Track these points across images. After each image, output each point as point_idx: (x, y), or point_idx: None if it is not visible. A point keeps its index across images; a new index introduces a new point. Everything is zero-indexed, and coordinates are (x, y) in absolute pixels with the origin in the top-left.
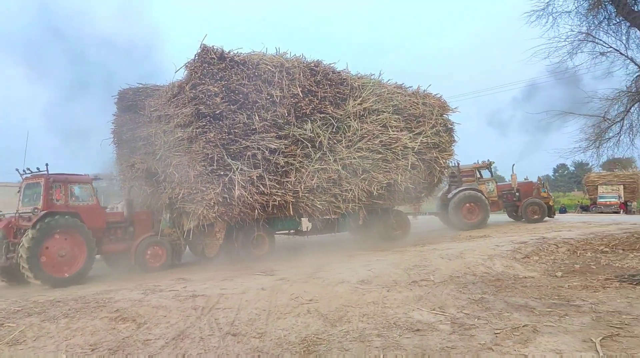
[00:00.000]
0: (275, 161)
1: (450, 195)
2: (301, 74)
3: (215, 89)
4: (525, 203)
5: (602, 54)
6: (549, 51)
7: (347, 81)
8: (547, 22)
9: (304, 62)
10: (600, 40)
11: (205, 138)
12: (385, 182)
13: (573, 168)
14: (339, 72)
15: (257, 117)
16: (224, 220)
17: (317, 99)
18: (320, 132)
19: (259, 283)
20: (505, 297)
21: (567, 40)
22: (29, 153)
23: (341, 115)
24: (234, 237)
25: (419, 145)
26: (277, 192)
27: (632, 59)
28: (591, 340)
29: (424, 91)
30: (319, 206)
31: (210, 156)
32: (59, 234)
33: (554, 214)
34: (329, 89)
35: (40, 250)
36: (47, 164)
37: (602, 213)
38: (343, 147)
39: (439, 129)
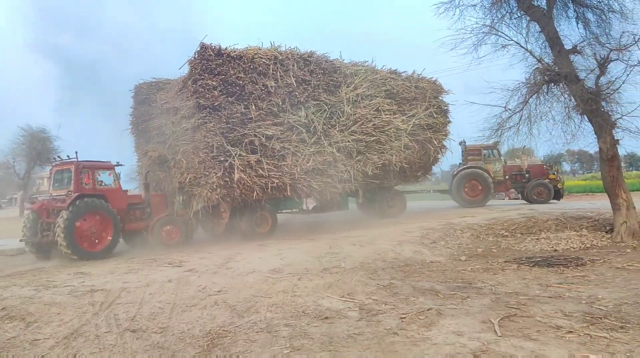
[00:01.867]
0: (272, 147)
1: (454, 172)
2: (295, 64)
3: (214, 83)
4: (532, 184)
5: (504, 46)
6: (455, 42)
7: (341, 69)
8: (454, 14)
9: (297, 54)
10: (503, 33)
11: (206, 128)
12: (380, 163)
13: None
14: (332, 61)
15: (253, 107)
16: (227, 202)
17: (311, 88)
18: (315, 118)
19: (165, 275)
20: (413, 282)
21: (473, 32)
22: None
23: (335, 101)
24: (240, 217)
25: (411, 127)
26: (274, 175)
27: (531, 52)
28: (490, 321)
29: (419, 75)
30: (315, 186)
31: (211, 144)
32: (89, 214)
33: (562, 197)
34: (322, 77)
35: (74, 228)
36: (76, 152)
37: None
38: (337, 131)
39: (433, 111)
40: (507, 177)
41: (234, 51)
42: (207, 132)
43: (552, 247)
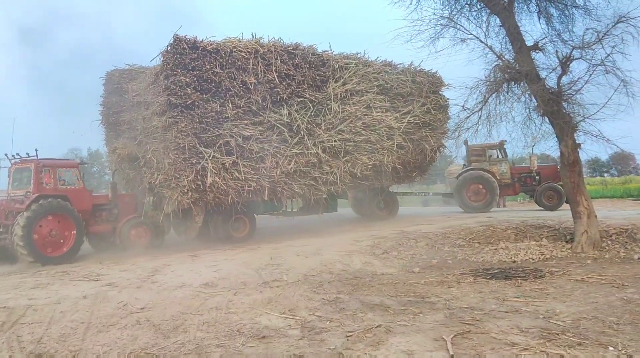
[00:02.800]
0: (249, 148)
1: (457, 175)
2: (278, 58)
3: (187, 79)
4: (541, 187)
5: (462, 40)
6: (411, 34)
7: (329, 62)
8: (410, 3)
9: (281, 46)
10: (462, 26)
11: (177, 128)
12: (370, 164)
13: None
14: (320, 54)
15: (230, 105)
16: (198, 206)
17: (295, 83)
18: (298, 116)
19: (80, 290)
20: (361, 296)
21: (430, 24)
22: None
23: (321, 98)
24: (215, 220)
25: (405, 125)
26: (252, 178)
27: (490, 48)
28: (443, 338)
29: (416, 67)
30: (297, 190)
31: (182, 145)
32: (50, 216)
33: None
34: (308, 72)
35: (34, 230)
36: (36, 150)
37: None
38: (322, 130)
39: (430, 107)
40: (516, 180)
41: (211, 44)
42: (179, 132)
43: (511, 258)
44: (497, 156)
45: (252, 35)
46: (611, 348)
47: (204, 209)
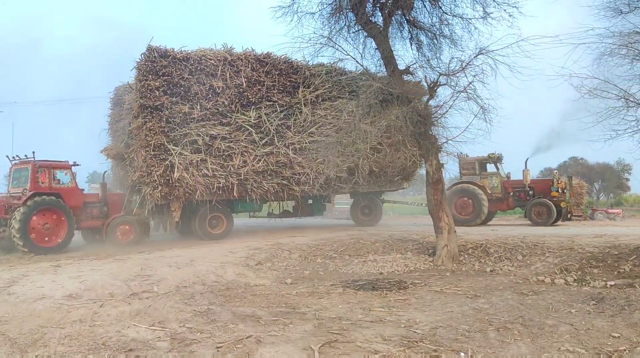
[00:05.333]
0: (217, 146)
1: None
2: (248, 66)
3: (157, 84)
4: (530, 203)
5: (340, 60)
6: (292, 50)
7: (302, 70)
8: (292, 20)
9: (252, 55)
10: (340, 46)
11: (146, 127)
12: (344, 166)
13: None
14: (291, 62)
15: (198, 107)
16: (168, 200)
17: (265, 88)
18: (267, 119)
19: None
20: (233, 307)
21: (310, 42)
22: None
23: (292, 102)
24: (193, 218)
25: (378, 129)
26: (220, 175)
27: (366, 69)
28: (311, 347)
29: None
30: (267, 188)
31: (151, 142)
32: (44, 211)
33: (571, 217)
34: (278, 78)
35: (29, 224)
36: (33, 152)
37: None
38: (293, 132)
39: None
40: (511, 194)
41: (181, 53)
42: (148, 131)
43: (378, 270)
44: (494, 169)
45: (224, 45)
46: (462, 353)
47: (181, 206)
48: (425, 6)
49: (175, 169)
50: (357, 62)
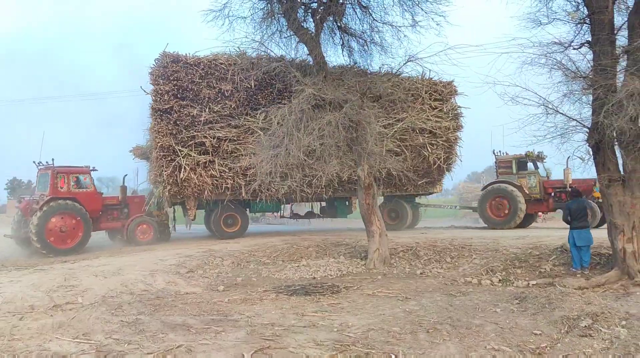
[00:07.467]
0: (224, 148)
1: (482, 188)
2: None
3: (166, 88)
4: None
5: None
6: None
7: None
8: (223, 24)
9: (264, 58)
10: (272, 51)
11: (156, 129)
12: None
13: None
14: (304, 65)
15: (207, 110)
16: (178, 199)
17: (276, 91)
18: (277, 121)
19: None
20: (163, 316)
21: (242, 46)
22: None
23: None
24: (210, 216)
25: (394, 131)
26: (227, 175)
27: (295, 75)
28: (243, 355)
29: (419, 75)
30: (276, 189)
31: (159, 144)
32: (61, 215)
33: None
34: (290, 81)
35: (46, 227)
36: (53, 159)
37: None
38: (304, 134)
39: (430, 114)
40: (552, 194)
41: (192, 58)
42: (157, 133)
43: (312, 275)
44: (531, 168)
45: (237, 49)
46: (393, 356)
47: (195, 204)
48: (356, 13)
49: (182, 170)
50: (288, 66)
